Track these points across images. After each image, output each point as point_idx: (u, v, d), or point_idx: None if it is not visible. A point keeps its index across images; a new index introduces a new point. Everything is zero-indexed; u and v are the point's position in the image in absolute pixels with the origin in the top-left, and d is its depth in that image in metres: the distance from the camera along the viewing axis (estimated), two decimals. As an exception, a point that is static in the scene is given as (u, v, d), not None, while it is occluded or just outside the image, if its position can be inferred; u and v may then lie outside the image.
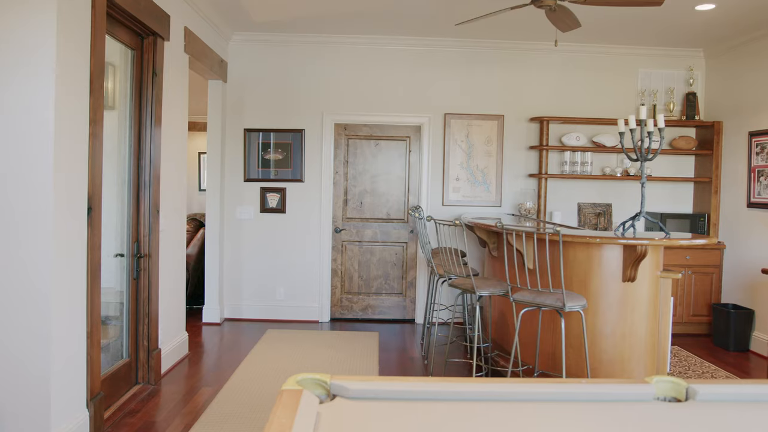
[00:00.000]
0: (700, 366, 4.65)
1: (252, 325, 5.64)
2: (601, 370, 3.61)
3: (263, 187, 5.75)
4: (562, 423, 1.54)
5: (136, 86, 3.86)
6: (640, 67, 5.86)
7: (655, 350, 3.70)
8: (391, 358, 4.72)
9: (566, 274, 3.70)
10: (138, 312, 3.91)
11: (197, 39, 4.73)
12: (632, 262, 3.46)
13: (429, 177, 5.78)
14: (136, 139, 3.87)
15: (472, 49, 5.76)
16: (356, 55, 5.75)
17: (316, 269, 5.80)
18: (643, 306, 3.61)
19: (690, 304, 5.51)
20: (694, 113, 5.75)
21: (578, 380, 1.84)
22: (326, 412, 1.67)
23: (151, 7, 3.74)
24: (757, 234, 5.13)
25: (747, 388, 1.79)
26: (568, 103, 5.83)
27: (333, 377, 1.82)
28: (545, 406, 1.66)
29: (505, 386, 1.76)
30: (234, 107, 5.73)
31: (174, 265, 4.40)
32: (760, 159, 5.10)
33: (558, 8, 3.65)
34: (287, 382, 1.79)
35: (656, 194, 5.94)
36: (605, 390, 1.78)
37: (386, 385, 1.79)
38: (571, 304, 3.23)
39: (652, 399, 1.78)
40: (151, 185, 3.92)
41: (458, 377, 1.80)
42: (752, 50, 5.23)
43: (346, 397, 1.77)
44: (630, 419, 1.59)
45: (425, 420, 1.56)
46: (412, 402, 1.70)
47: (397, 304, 5.88)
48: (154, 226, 3.96)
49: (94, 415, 3.09)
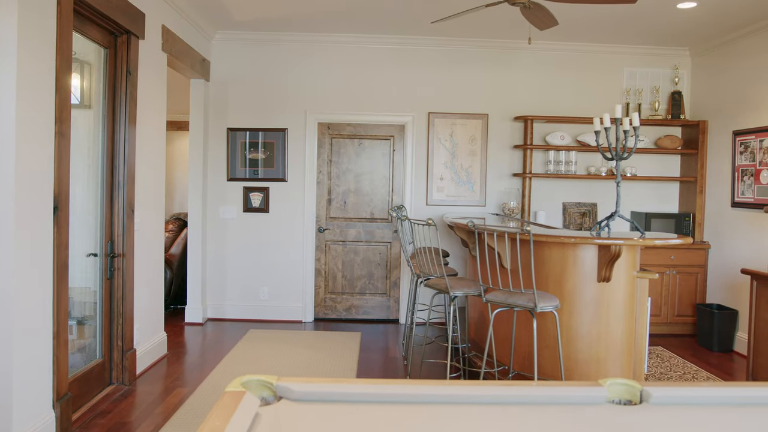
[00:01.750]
0: (681, 367, 4.62)
1: (235, 325, 5.61)
2: (577, 371, 3.58)
3: (246, 187, 5.72)
4: (506, 426, 1.51)
5: (109, 85, 3.83)
6: (625, 65, 5.83)
7: (631, 351, 3.67)
8: (371, 358, 4.69)
9: (541, 274, 3.67)
10: (112, 312, 3.89)
11: (176, 38, 4.70)
12: (606, 262, 3.43)
13: (413, 176, 5.75)
14: (110, 138, 3.85)
15: (456, 48, 5.73)
16: (340, 53, 5.73)
17: (299, 269, 5.77)
18: (619, 306, 3.58)
19: (675, 304, 5.48)
20: (679, 112, 5.72)
21: (529, 383, 1.82)
22: (267, 413, 1.64)
23: (124, 6, 3.71)
24: (741, 234, 5.09)
25: (701, 391, 1.76)
26: (553, 102, 5.79)
27: (280, 379, 1.79)
28: (491, 409, 1.63)
29: (454, 389, 1.73)
30: (217, 106, 5.70)
31: (151, 264, 4.38)
32: (743, 158, 5.07)
33: (533, 6, 3.62)
34: (231, 384, 1.77)
35: (642, 194, 5.90)
36: (556, 393, 1.75)
37: (331, 387, 1.77)
38: (542, 305, 3.20)
39: (604, 402, 1.75)
40: (125, 184, 3.89)
41: (411, 379, 1.79)
42: (736, 49, 5.19)
43: (291, 399, 1.75)
44: (578, 422, 1.56)
45: (363, 422, 1.54)
46: (355, 404, 1.67)
47: (381, 304, 5.85)
48: (129, 225, 3.94)
49: (61, 415, 3.06)
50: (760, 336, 3.85)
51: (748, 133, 5.00)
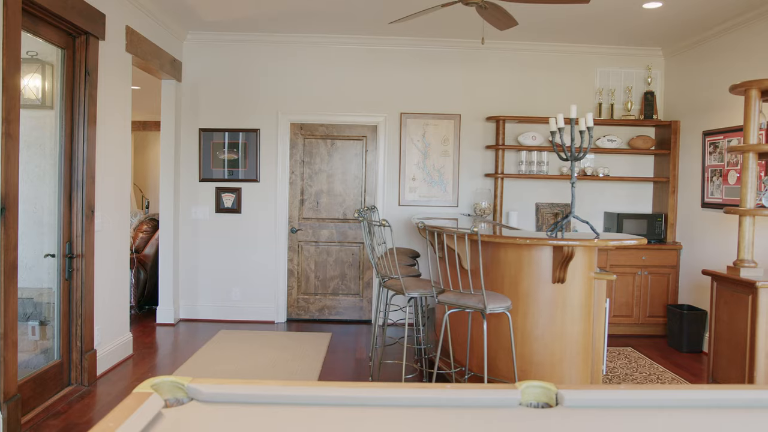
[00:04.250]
0: (648, 368, 4.61)
1: (207, 325, 5.61)
2: (532, 372, 3.57)
3: (219, 187, 5.72)
4: (416, 428, 1.51)
5: (67, 85, 3.83)
6: (598, 66, 5.82)
7: (589, 352, 3.66)
8: (337, 359, 4.68)
9: (498, 275, 3.66)
10: (71, 312, 3.88)
11: (143, 38, 4.70)
12: (560, 263, 3.42)
13: (385, 177, 5.75)
14: (68, 139, 3.85)
15: (428, 48, 5.73)
16: (312, 54, 5.72)
17: (272, 270, 5.77)
18: (576, 307, 3.57)
19: (646, 304, 5.47)
20: (652, 112, 5.71)
21: (442, 385, 1.81)
22: (171, 414, 1.64)
23: (81, 6, 3.71)
24: (711, 234, 5.08)
25: (616, 394, 1.75)
26: (526, 103, 5.79)
27: (193, 380, 1.79)
28: (402, 411, 1.62)
29: (364, 391, 1.73)
30: (189, 107, 5.70)
31: (115, 265, 4.37)
32: (713, 159, 5.05)
33: (489, 6, 3.62)
34: (141, 385, 1.76)
35: (616, 194, 5.89)
36: (469, 395, 1.75)
37: (240, 389, 1.76)
38: (492, 306, 3.19)
39: (517, 405, 1.74)
40: (84, 185, 3.89)
41: (324, 381, 1.78)
42: (707, 49, 5.18)
43: (200, 401, 1.75)
44: (487, 425, 1.56)
45: (267, 423, 1.54)
46: (264, 405, 1.67)
47: (354, 305, 5.85)
48: (88, 226, 3.93)
49: (8, 417, 3.06)
50: (720, 337, 3.85)
51: (717, 134, 4.99)
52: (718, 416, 1.57)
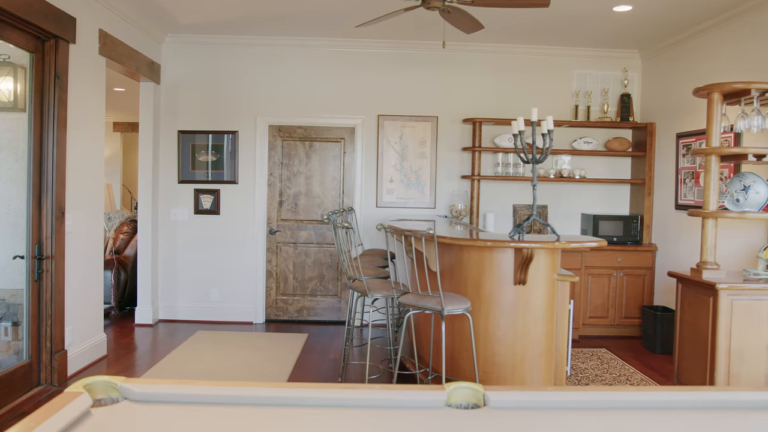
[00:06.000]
0: (619, 369, 4.63)
1: (185, 326, 5.64)
2: (494, 373, 3.60)
3: (197, 189, 5.76)
4: (339, 429, 1.54)
5: (36, 89, 3.87)
6: (575, 68, 5.84)
7: (552, 353, 3.68)
8: (310, 359, 4.71)
9: (462, 276, 3.69)
10: (40, 313, 3.92)
11: (117, 41, 4.73)
12: (520, 265, 3.45)
13: (363, 179, 5.78)
14: (37, 142, 3.88)
15: (406, 50, 5.76)
16: (290, 56, 5.76)
17: (250, 271, 5.80)
18: (538, 309, 3.60)
19: (622, 306, 5.49)
20: (628, 114, 5.73)
21: (371, 386, 1.84)
22: (100, 414, 1.67)
23: (48, 10, 3.74)
24: (684, 236, 5.11)
25: (540, 395, 1.78)
26: (504, 105, 5.81)
27: (126, 380, 1.82)
28: (325, 412, 1.65)
29: (291, 391, 1.75)
30: (168, 109, 5.74)
31: (88, 267, 4.41)
32: (686, 161, 5.08)
33: (453, 10, 3.64)
34: (74, 385, 1.79)
35: (593, 196, 5.92)
36: (395, 396, 1.78)
37: (170, 389, 1.79)
38: (450, 307, 3.22)
39: (443, 406, 1.77)
40: (54, 187, 3.92)
41: (252, 382, 1.82)
42: (680, 51, 5.21)
43: (132, 400, 1.78)
44: (410, 426, 1.58)
45: (191, 422, 1.56)
46: (193, 405, 1.69)
47: (332, 306, 5.88)
48: (59, 227, 3.97)
49: (-30, 416, 3.10)
50: (684, 338, 3.87)
51: (689, 136, 5.02)
52: (643, 418, 1.59)
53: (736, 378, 3.54)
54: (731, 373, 3.54)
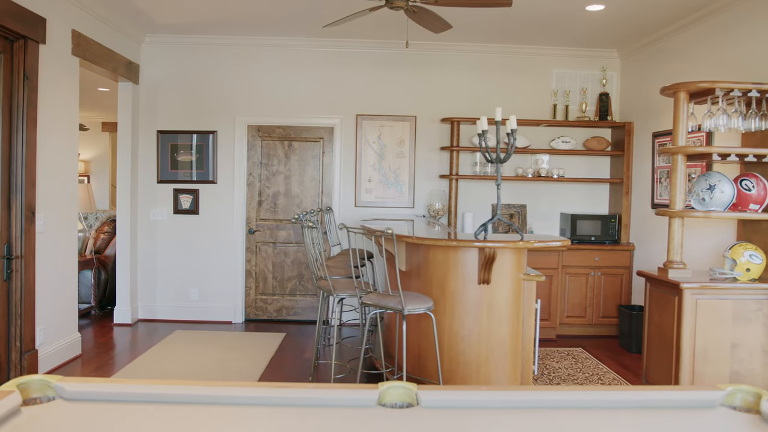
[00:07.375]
0: (593, 369, 4.64)
1: (164, 325, 5.66)
2: (459, 372, 3.61)
3: (176, 189, 5.77)
4: (269, 428, 1.55)
5: (5, 89, 3.88)
6: (554, 67, 5.84)
7: (518, 352, 3.69)
8: (284, 358, 4.73)
9: (428, 276, 3.70)
10: (10, 313, 3.93)
11: (92, 42, 4.75)
12: (483, 265, 3.45)
13: (341, 178, 5.78)
14: (6, 142, 3.89)
15: (384, 50, 5.76)
16: (269, 56, 5.77)
17: (230, 270, 5.81)
18: (503, 308, 3.60)
19: (600, 305, 5.50)
20: (606, 114, 5.73)
21: (304, 385, 1.85)
22: (30, 412, 1.68)
23: (16, 11, 3.76)
24: (660, 235, 5.10)
25: (472, 395, 1.79)
26: (483, 104, 5.81)
27: (62, 379, 1.83)
28: (257, 410, 1.65)
29: (220, 390, 1.76)
30: (147, 109, 5.75)
31: (61, 266, 4.42)
32: (661, 160, 5.08)
33: (418, 10, 3.65)
34: (6, 384, 1.80)
35: (572, 195, 5.92)
36: (328, 395, 1.79)
37: (102, 387, 1.80)
38: (411, 307, 3.23)
39: (374, 405, 1.78)
40: (23, 188, 3.94)
41: (184, 380, 1.82)
42: (656, 51, 5.20)
43: (65, 399, 1.79)
44: (337, 424, 1.59)
45: (121, 420, 1.58)
46: (126, 404, 1.70)
47: (312, 305, 5.89)
48: (28, 227, 3.98)
49: (-68, 415, 3.11)
50: (652, 337, 3.87)
51: (665, 135, 5.01)
52: (571, 417, 1.59)
53: (700, 378, 3.54)
54: (696, 372, 3.55)
